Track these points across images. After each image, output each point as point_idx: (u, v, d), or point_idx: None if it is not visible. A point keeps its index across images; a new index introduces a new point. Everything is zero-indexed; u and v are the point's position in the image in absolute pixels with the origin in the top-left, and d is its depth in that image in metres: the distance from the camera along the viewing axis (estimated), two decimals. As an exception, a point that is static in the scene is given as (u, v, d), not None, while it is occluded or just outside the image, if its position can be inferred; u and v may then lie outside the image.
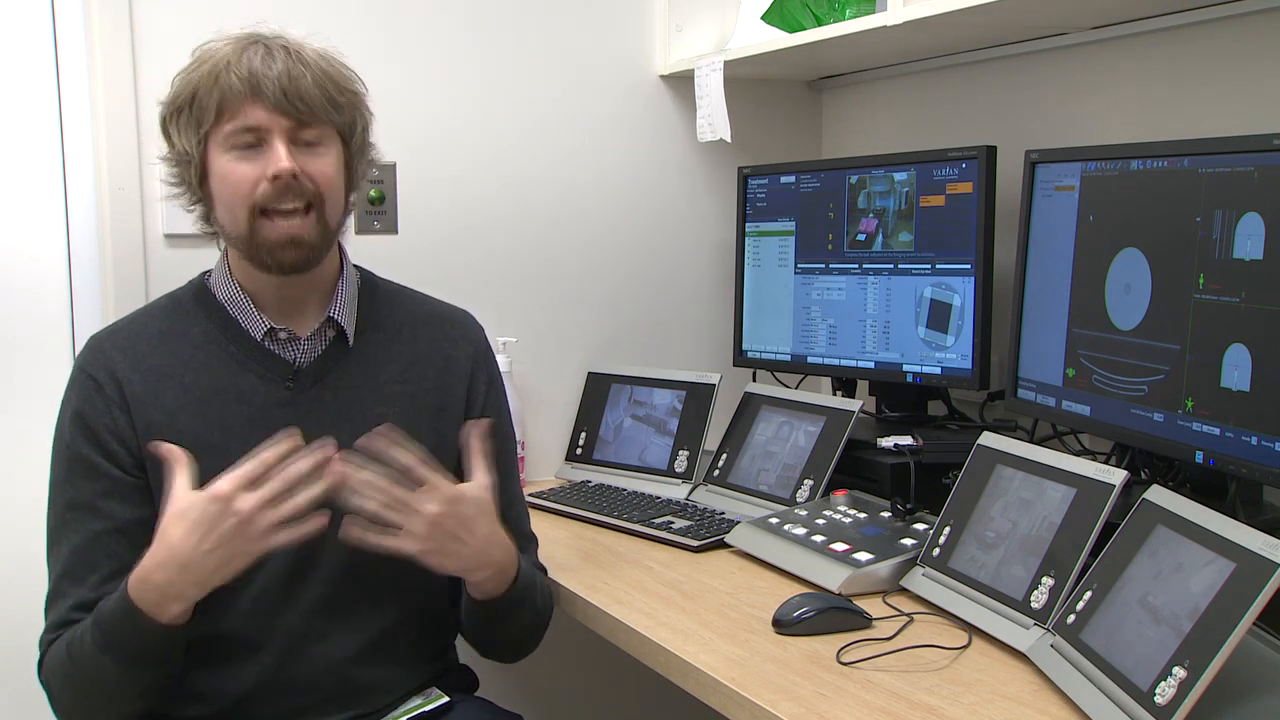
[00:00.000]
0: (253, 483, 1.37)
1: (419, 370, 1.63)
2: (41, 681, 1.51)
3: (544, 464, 2.39)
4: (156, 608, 1.38)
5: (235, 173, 1.48)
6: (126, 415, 1.51)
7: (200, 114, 1.48)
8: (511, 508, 1.66)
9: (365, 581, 1.56)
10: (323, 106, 1.49)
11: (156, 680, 1.45)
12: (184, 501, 1.38)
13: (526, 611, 1.62)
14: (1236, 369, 1.44)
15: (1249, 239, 1.43)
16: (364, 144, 1.59)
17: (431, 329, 1.67)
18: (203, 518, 1.36)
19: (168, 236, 2.07)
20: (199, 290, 1.61)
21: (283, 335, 1.57)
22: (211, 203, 1.53)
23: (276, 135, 1.47)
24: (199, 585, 1.39)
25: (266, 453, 1.38)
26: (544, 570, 1.72)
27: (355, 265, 1.68)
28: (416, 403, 1.62)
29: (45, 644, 1.50)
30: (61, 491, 1.52)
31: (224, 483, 1.37)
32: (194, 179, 1.52)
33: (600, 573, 1.79)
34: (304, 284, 1.57)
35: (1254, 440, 1.42)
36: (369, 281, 1.68)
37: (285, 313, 1.58)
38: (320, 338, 1.59)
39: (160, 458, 1.43)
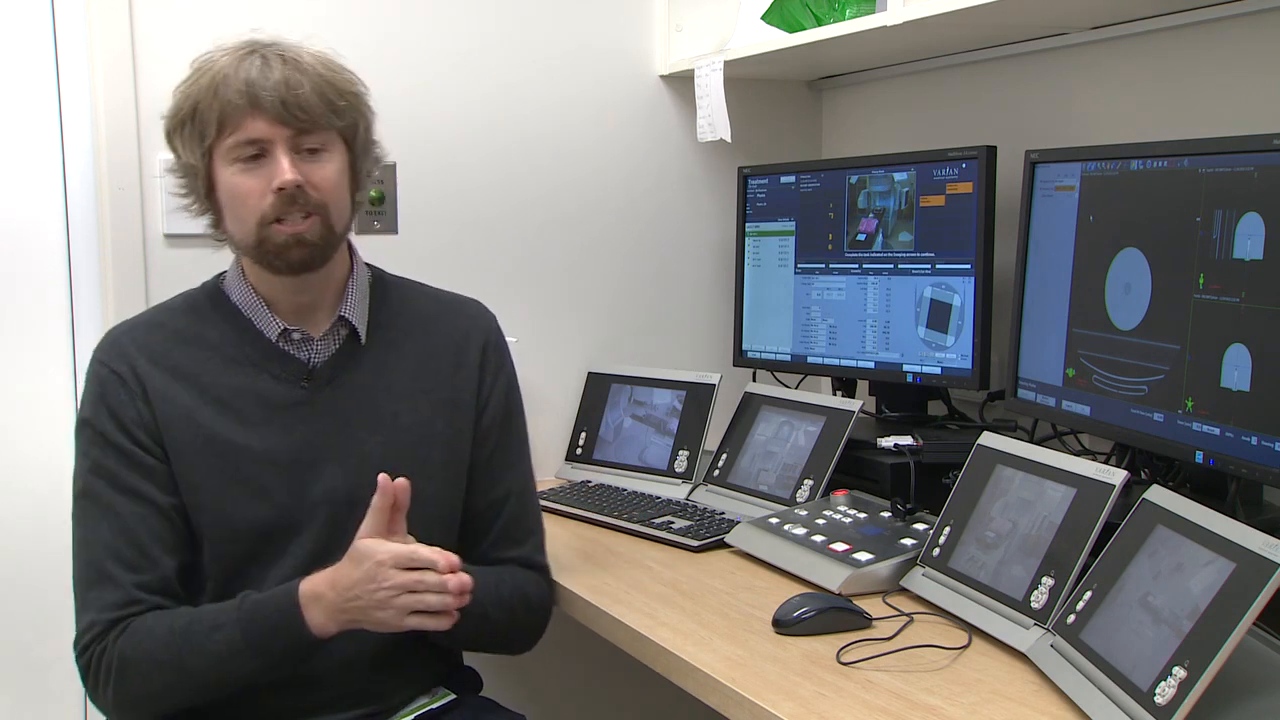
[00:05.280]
0: (408, 566, 1.40)
1: (432, 366, 1.64)
2: (104, 667, 1.47)
3: (544, 464, 2.38)
4: (313, 616, 1.43)
5: (241, 186, 1.49)
6: (149, 408, 1.53)
7: (202, 128, 1.49)
8: (511, 499, 1.67)
9: None
10: (323, 113, 1.50)
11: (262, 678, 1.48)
12: (370, 549, 1.41)
13: (485, 624, 1.58)
14: (1236, 369, 1.44)
15: (1249, 239, 1.43)
16: (368, 143, 1.60)
17: (443, 323, 1.68)
18: (366, 575, 1.40)
19: (168, 236, 2.07)
20: (214, 293, 1.62)
21: (296, 336, 1.58)
22: (220, 212, 1.54)
23: (279, 146, 1.48)
24: (349, 623, 1.44)
25: (424, 550, 1.41)
26: (542, 568, 1.71)
27: (367, 264, 1.68)
28: (430, 398, 1.62)
29: (108, 625, 1.47)
30: (96, 477, 1.52)
31: (388, 555, 1.40)
32: (201, 189, 1.54)
33: (600, 573, 1.79)
34: (315, 286, 1.58)
35: (1254, 440, 1.42)
36: (380, 279, 1.69)
37: (299, 314, 1.59)
38: (333, 337, 1.60)
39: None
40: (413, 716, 1.59)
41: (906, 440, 1.94)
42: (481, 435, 1.66)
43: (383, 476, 1.43)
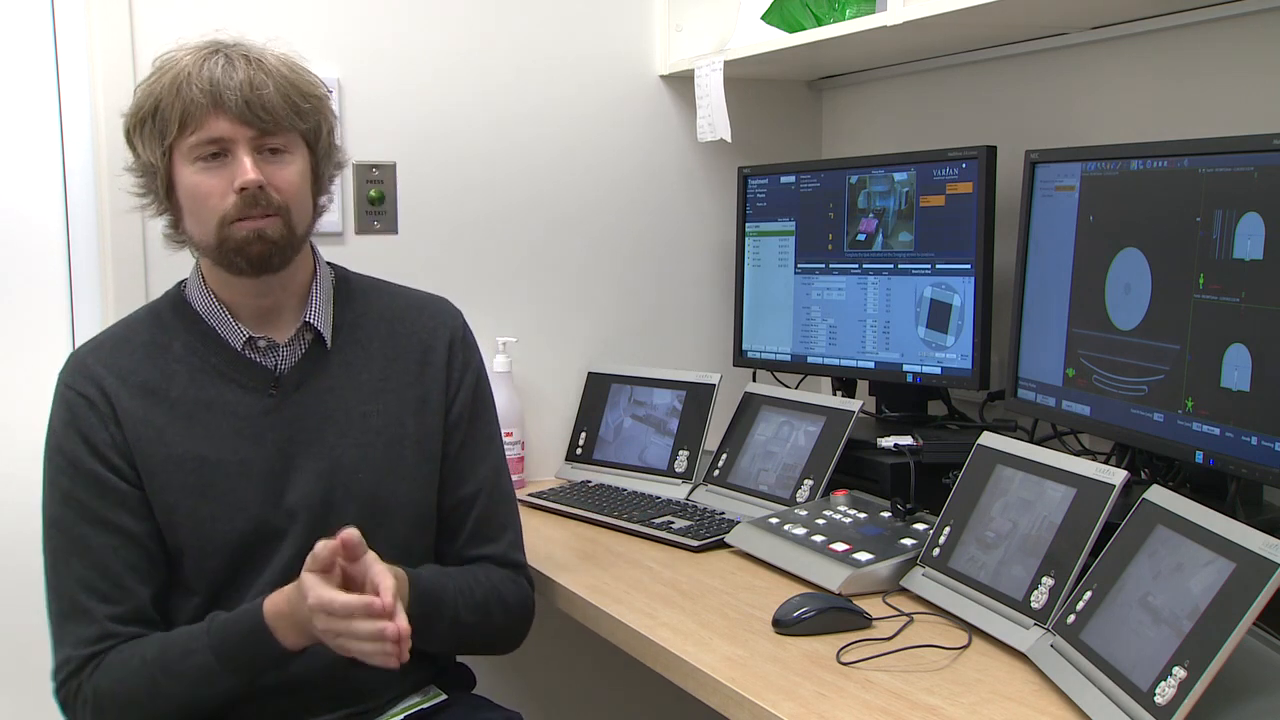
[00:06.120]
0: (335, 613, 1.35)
1: (400, 365, 1.63)
2: (80, 702, 1.47)
3: (544, 464, 2.39)
4: (283, 633, 1.41)
5: (202, 185, 1.48)
6: (120, 430, 1.51)
7: (163, 126, 1.47)
8: (481, 496, 1.65)
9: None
10: (286, 115, 1.49)
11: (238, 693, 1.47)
12: (304, 589, 1.36)
13: (459, 629, 1.57)
14: (1236, 369, 1.44)
15: (1249, 239, 1.43)
16: (329, 148, 1.59)
17: (408, 321, 1.66)
18: (306, 613, 1.37)
19: (167, 235, 2.06)
20: (176, 301, 1.61)
21: (262, 343, 1.57)
22: (179, 212, 1.54)
23: (241, 146, 1.47)
24: (315, 640, 1.41)
25: (347, 600, 1.35)
26: (518, 565, 1.68)
27: (330, 264, 1.67)
28: (400, 397, 1.61)
29: (83, 661, 1.47)
30: (66, 507, 1.51)
31: (315, 601, 1.35)
32: (160, 189, 1.53)
33: (600, 573, 1.79)
34: (277, 290, 1.57)
35: (1254, 440, 1.42)
36: (344, 279, 1.67)
37: (262, 320, 1.58)
38: (299, 342, 1.59)
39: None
40: (403, 715, 1.59)
41: (906, 440, 1.94)
42: (449, 430, 1.64)
43: (343, 534, 1.36)
